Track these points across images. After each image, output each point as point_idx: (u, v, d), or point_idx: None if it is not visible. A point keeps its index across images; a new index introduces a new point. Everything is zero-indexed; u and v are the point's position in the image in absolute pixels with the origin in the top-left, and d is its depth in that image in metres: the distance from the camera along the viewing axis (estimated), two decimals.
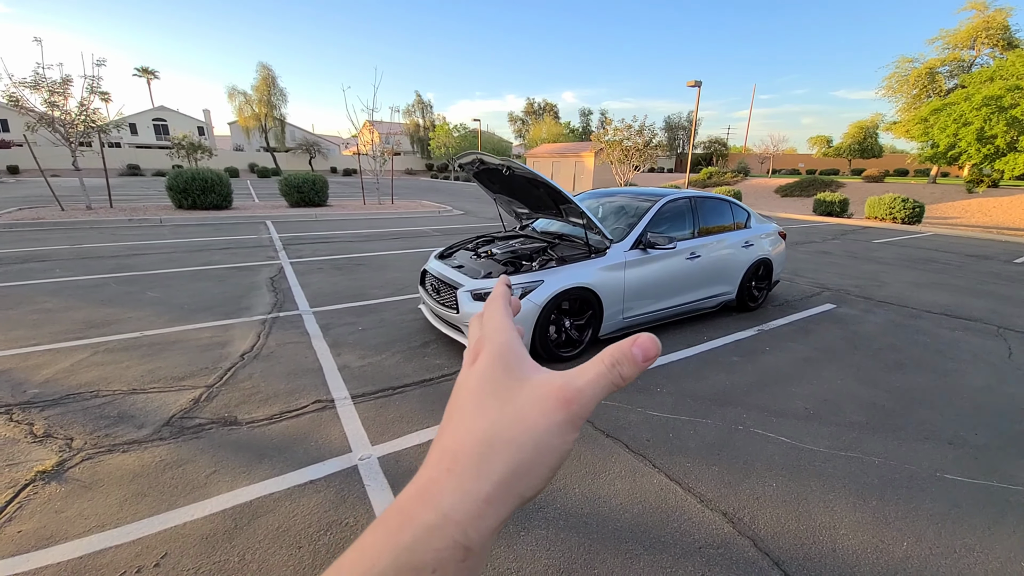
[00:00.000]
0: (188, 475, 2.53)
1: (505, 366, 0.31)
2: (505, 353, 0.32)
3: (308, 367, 3.82)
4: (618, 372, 0.29)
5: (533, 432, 0.28)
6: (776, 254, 5.83)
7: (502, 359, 0.31)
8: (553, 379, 0.30)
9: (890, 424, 3.20)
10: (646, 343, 0.29)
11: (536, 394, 0.29)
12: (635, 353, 0.29)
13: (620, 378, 0.29)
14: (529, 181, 4.19)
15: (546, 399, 0.28)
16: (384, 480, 2.49)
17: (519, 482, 0.27)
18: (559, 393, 0.28)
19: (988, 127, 14.40)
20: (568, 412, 0.28)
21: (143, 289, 5.88)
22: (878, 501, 2.43)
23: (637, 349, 0.29)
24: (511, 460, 0.27)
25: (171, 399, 3.28)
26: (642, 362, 0.29)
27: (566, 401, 0.28)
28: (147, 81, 60.51)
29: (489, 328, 0.34)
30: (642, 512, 2.32)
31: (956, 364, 4.28)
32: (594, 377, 0.29)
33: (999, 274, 8.46)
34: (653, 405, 3.36)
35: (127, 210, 13.26)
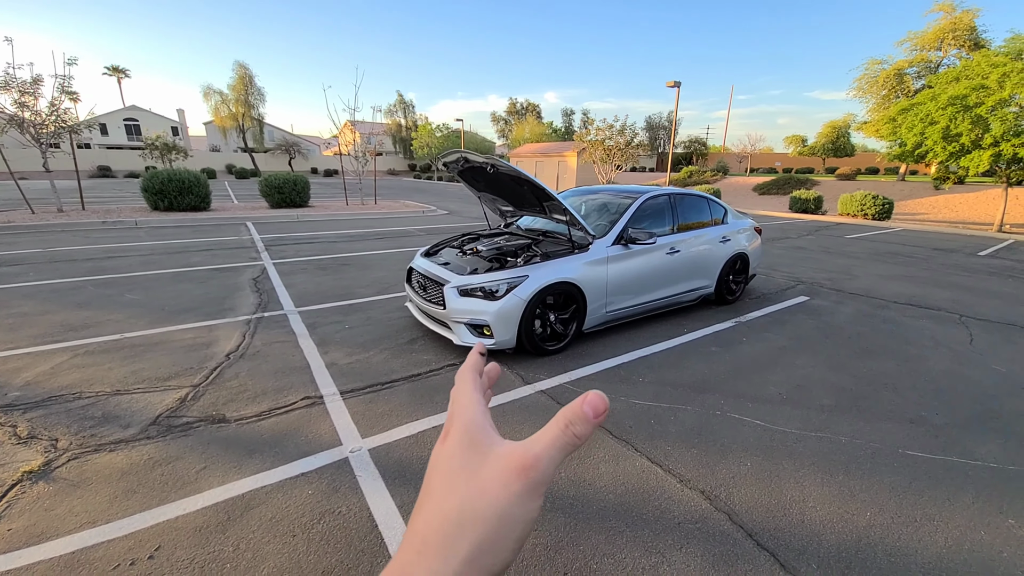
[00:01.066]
0: (178, 471, 2.54)
1: (471, 442, 0.32)
2: (471, 429, 0.33)
3: (295, 365, 3.83)
4: (572, 432, 0.30)
5: (496, 505, 0.28)
6: (752, 249, 6.04)
7: (468, 435, 0.32)
8: (513, 449, 0.31)
9: (857, 406, 3.38)
10: (595, 401, 0.30)
11: (497, 466, 0.30)
12: (586, 411, 0.30)
13: (575, 437, 0.30)
14: (513, 179, 4.27)
15: (506, 470, 0.29)
16: (375, 470, 2.54)
17: (486, 557, 0.28)
18: (519, 463, 0.29)
19: (953, 126, 14.95)
20: (527, 480, 0.29)
21: (121, 292, 5.79)
22: (844, 476, 2.59)
23: (587, 407, 0.30)
24: (476, 537, 0.28)
25: (156, 399, 3.27)
26: (593, 419, 0.30)
27: (524, 469, 0.29)
28: (117, 80, 58.79)
29: (458, 405, 0.35)
30: (625, 492, 2.42)
31: (920, 350, 4.51)
32: (550, 441, 0.30)
33: (963, 266, 8.87)
34: (635, 394, 3.48)
35: (100, 212, 12.92)
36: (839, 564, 2.01)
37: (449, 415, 0.35)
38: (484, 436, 0.32)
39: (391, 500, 2.32)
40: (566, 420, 0.30)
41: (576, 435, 0.30)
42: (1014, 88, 13.58)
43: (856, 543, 2.13)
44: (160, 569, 1.94)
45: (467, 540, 0.28)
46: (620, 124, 22.49)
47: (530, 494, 0.29)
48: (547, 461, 0.29)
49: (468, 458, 0.31)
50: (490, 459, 0.30)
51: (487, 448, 0.31)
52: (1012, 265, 9.17)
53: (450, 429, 0.34)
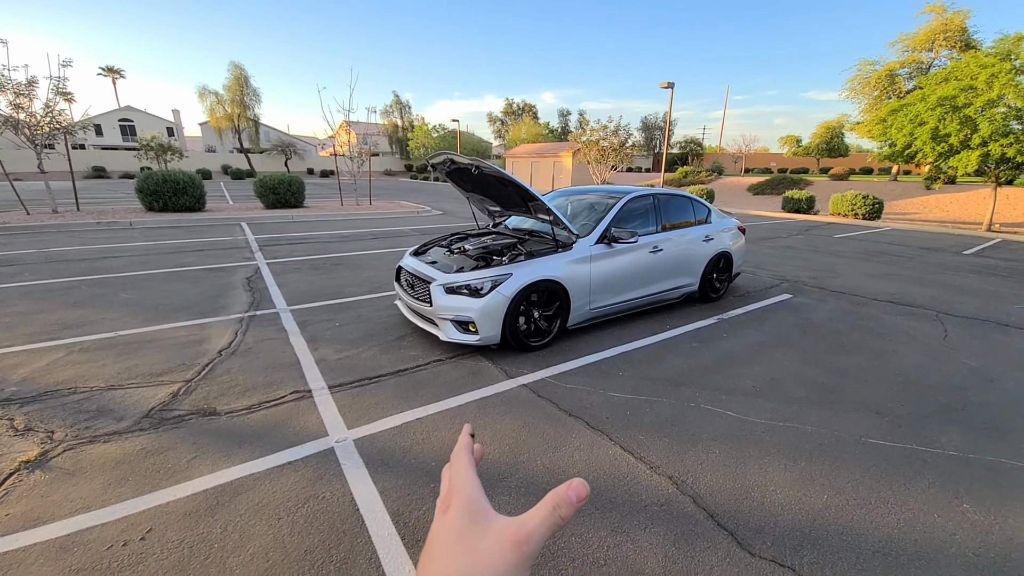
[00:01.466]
0: (169, 461, 2.65)
1: (471, 517, 0.36)
2: (471, 505, 0.37)
3: (286, 361, 3.94)
4: (559, 514, 0.34)
5: (495, 572, 0.32)
6: (736, 248, 6.17)
7: (468, 511, 0.37)
8: (509, 525, 0.35)
9: (826, 399, 3.51)
10: (578, 488, 0.35)
11: (496, 540, 0.34)
12: (570, 496, 0.34)
13: (560, 519, 0.34)
14: (498, 180, 4.39)
15: (504, 543, 0.33)
16: (359, 459, 2.66)
17: None
18: (515, 536, 0.34)
19: (942, 126, 15.16)
20: (520, 552, 0.33)
21: (115, 291, 5.88)
22: (806, 463, 2.72)
23: (572, 493, 0.34)
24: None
25: (149, 393, 3.37)
26: (576, 503, 0.34)
27: (519, 543, 0.33)
28: (112, 81, 58.63)
29: (457, 481, 0.40)
30: (597, 478, 2.54)
31: (894, 346, 4.65)
32: (540, 520, 0.34)
33: (946, 265, 9.04)
34: (614, 387, 3.60)
35: (95, 213, 12.99)
36: (792, 541, 2.14)
37: (448, 490, 0.40)
38: (482, 512, 0.36)
39: (373, 486, 2.43)
40: (554, 503, 0.34)
41: (562, 517, 0.34)
42: (1002, 89, 13.78)
43: (811, 523, 2.25)
44: (151, 549, 2.05)
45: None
46: (614, 125, 22.64)
47: (522, 564, 0.33)
48: (537, 537, 0.34)
49: (469, 530, 0.35)
50: (490, 532, 0.34)
51: (487, 523, 0.35)
52: (995, 264, 9.34)
53: (450, 503, 0.38)
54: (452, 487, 0.40)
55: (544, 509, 0.35)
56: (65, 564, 1.96)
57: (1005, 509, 2.41)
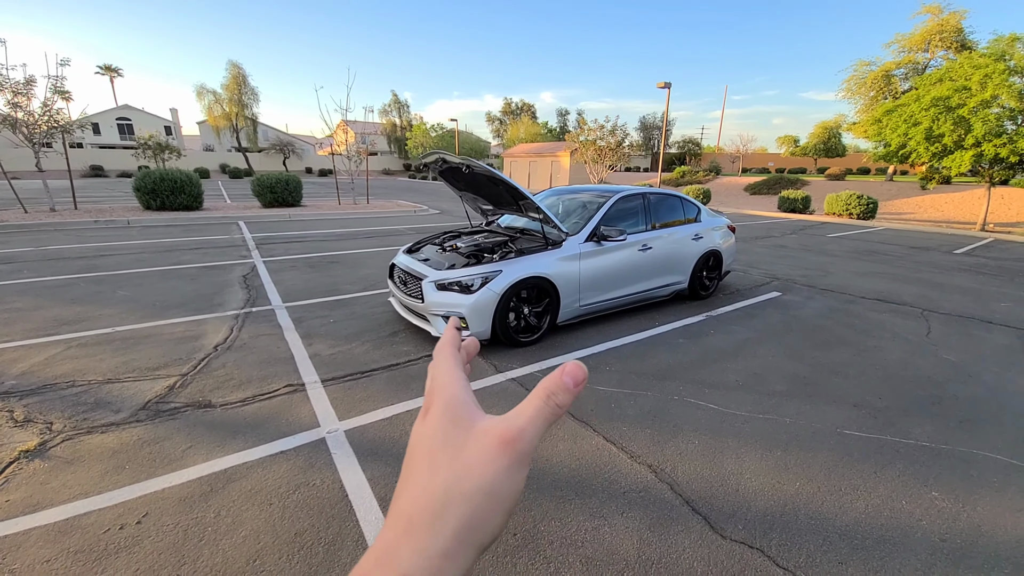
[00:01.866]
0: (165, 450, 2.74)
1: (452, 419, 0.32)
2: (453, 405, 0.32)
3: (280, 356, 4.03)
4: (554, 402, 0.30)
5: (483, 481, 0.28)
6: (726, 246, 6.27)
7: (449, 412, 0.32)
8: (496, 424, 0.30)
9: (806, 392, 3.61)
10: (574, 370, 0.31)
11: (481, 443, 0.30)
12: (566, 381, 0.30)
13: (557, 407, 0.30)
14: (489, 179, 4.48)
15: (490, 446, 0.29)
16: (349, 448, 2.74)
17: (475, 533, 0.28)
18: (502, 437, 0.30)
19: (936, 127, 15.29)
20: (513, 453, 0.29)
21: (113, 288, 5.95)
22: (782, 452, 2.81)
23: (567, 377, 0.31)
24: (464, 513, 0.28)
25: (146, 387, 3.45)
26: (573, 387, 0.31)
27: (510, 442, 0.29)
28: (110, 79, 58.57)
29: (438, 381, 0.35)
30: (579, 467, 2.63)
31: (877, 342, 4.75)
32: (533, 413, 0.30)
33: (936, 264, 9.15)
34: (601, 381, 3.70)
35: (92, 212, 13.05)
36: (763, 525, 2.23)
37: (428, 391, 0.35)
38: (466, 412, 0.32)
39: (362, 474, 2.52)
40: (547, 391, 0.31)
41: (558, 404, 0.31)
42: (996, 89, 13.89)
43: (782, 508, 2.35)
44: (147, 532, 2.14)
45: (455, 517, 0.28)
46: (611, 124, 22.74)
47: (516, 466, 0.29)
48: (531, 432, 0.30)
49: (451, 435, 0.31)
50: (473, 435, 0.30)
51: (469, 424, 0.31)
52: (984, 263, 9.45)
53: (430, 405, 0.33)
54: (432, 387, 0.35)
55: (537, 400, 0.31)
56: (64, 546, 2.05)
57: (974, 497, 2.51)
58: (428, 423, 0.32)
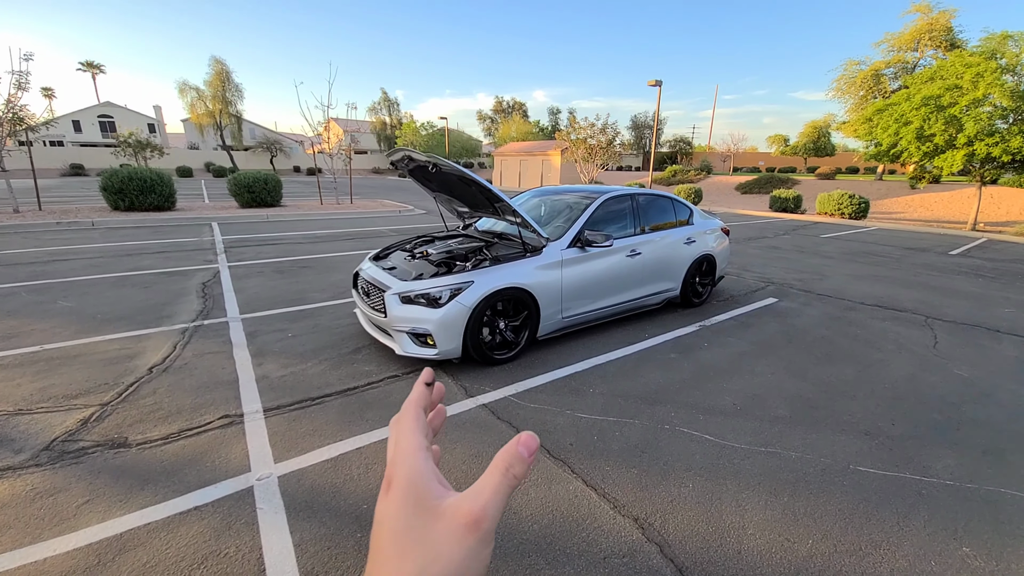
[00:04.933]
0: (59, 505, 2.28)
1: (416, 500, 0.31)
2: (416, 483, 0.31)
3: (223, 379, 3.56)
4: (512, 474, 0.31)
5: (452, 565, 0.28)
6: (719, 250, 5.90)
7: (412, 491, 0.31)
8: (460, 505, 0.30)
9: (812, 417, 3.23)
10: (528, 441, 0.32)
11: (448, 527, 0.29)
12: (521, 452, 0.31)
13: (515, 479, 0.31)
14: (460, 179, 4.05)
15: (458, 529, 0.29)
16: (280, 501, 2.30)
17: None
18: (467, 519, 0.29)
19: (927, 126, 15.09)
20: (480, 532, 0.29)
21: (55, 298, 5.43)
22: (789, 497, 2.42)
23: (522, 448, 0.31)
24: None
25: (58, 420, 2.98)
26: (528, 457, 0.31)
27: (476, 523, 0.29)
28: (92, 76, 57.13)
29: (400, 450, 0.34)
30: (552, 522, 2.22)
31: (882, 355, 4.39)
32: (494, 488, 0.30)
33: (933, 266, 8.87)
34: (583, 407, 3.29)
35: (57, 212, 12.39)
36: None
37: (390, 460, 0.34)
38: (429, 491, 0.31)
39: (289, 538, 2.08)
40: (505, 464, 0.31)
41: (516, 476, 0.31)
42: (987, 88, 13.71)
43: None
44: None
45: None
46: (602, 123, 22.37)
47: (483, 544, 0.29)
48: (494, 509, 0.30)
49: (416, 518, 0.30)
50: (440, 519, 0.30)
51: (434, 504, 0.30)
52: (981, 264, 9.21)
53: (392, 479, 0.32)
54: (394, 457, 0.34)
55: (496, 474, 0.31)
56: None
57: (1008, 552, 2.13)
58: (392, 502, 0.31)
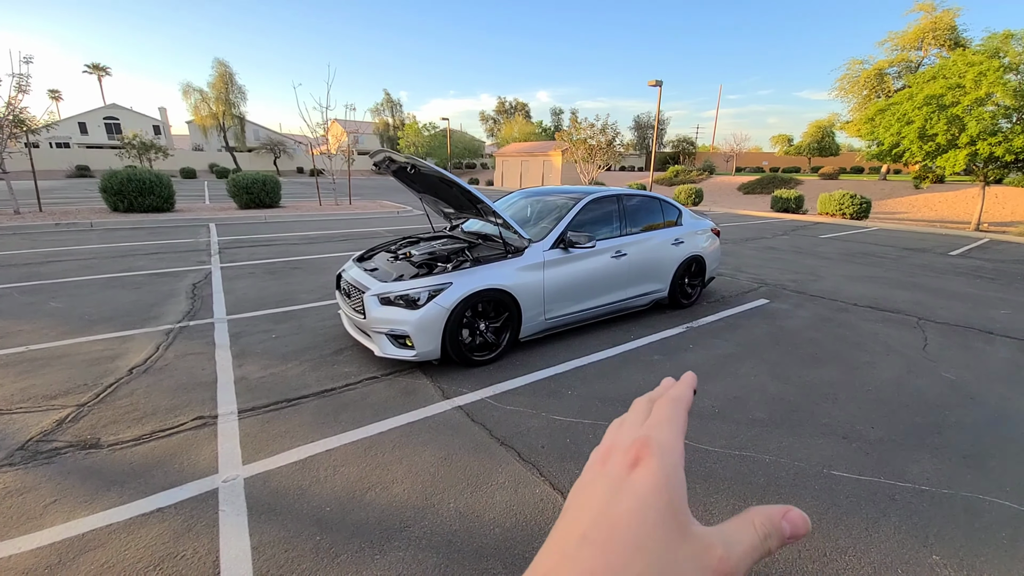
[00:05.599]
0: (26, 504, 2.29)
1: (671, 506, 0.27)
2: (674, 486, 0.28)
3: (201, 380, 3.57)
4: (767, 546, 0.28)
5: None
6: (710, 251, 5.86)
7: (670, 494, 0.27)
8: (714, 546, 0.27)
9: (791, 420, 3.19)
10: (796, 520, 0.28)
11: (698, 562, 0.26)
12: (784, 528, 0.28)
13: (767, 552, 0.28)
14: (441, 180, 4.04)
15: (706, 568, 0.26)
16: (243, 504, 2.30)
17: None
18: (719, 566, 0.26)
19: (929, 125, 14.95)
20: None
21: (46, 299, 5.47)
22: (758, 501, 2.39)
23: (787, 524, 0.28)
24: None
25: (34, 420, 3.00)
26: (788, 539, 0.28)
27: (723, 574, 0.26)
28: (98, 78, 57.67)
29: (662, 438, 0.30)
30: (514, 526, 2.20)
31: (870, 357, 4.35)
32: (748, 550, 0.28)
33: (931, 266, 8.78)
34: (558, 409, 3.27)
35: (57, 214, 12.50)
36: None
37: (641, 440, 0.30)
38: (682, 504, 0.28)
39: (247, 541, 2.07)
40: (766, 532, 0.28)
41: (769, 550, 0.28)
42: (990, 87, 13.56)
43: None
44: None
45: None
46: (602, 123, 22.33)
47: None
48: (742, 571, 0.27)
49: (667, 526, 0.26)
50: (690, 545, 0.26)
51: (685, 523, 0.27)
52: (981, 265, 9.10)
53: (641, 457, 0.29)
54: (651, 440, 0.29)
55: (753, 536, 0.28)
56: None
57: (980, 561, 2.10)
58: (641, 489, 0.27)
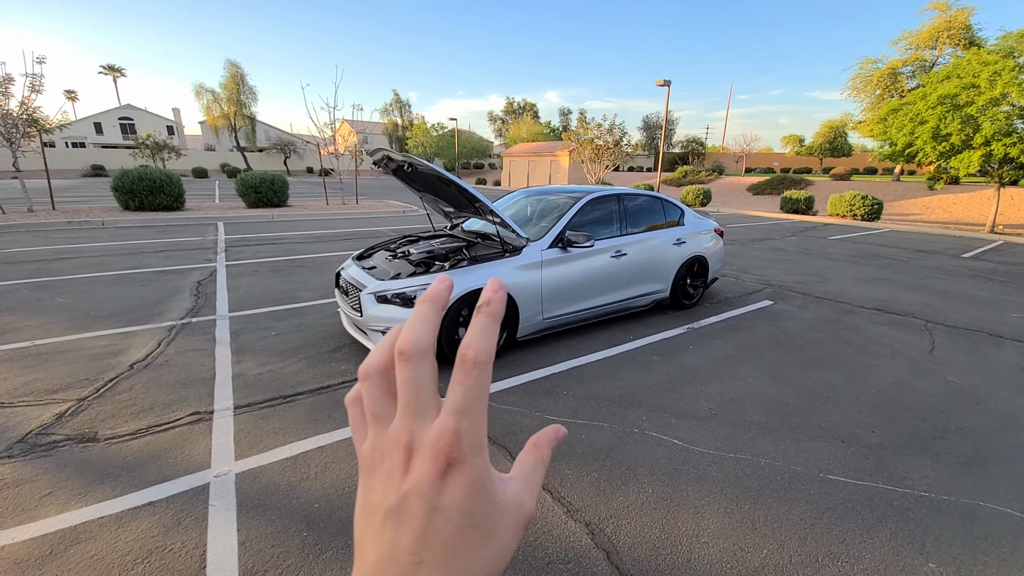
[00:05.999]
0: (23, 496, 2.32)
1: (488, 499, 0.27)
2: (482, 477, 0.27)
3: (200, 376, 3.61)
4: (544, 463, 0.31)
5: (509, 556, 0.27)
6: (713, 251, 5.80)
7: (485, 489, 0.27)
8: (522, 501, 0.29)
9: (788, 423, 3.14)
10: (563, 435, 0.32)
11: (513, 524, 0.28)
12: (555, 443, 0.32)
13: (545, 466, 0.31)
14: (439, 179, 4.04)
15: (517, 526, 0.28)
16: (233, 499, 2.31)
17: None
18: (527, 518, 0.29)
19: (943, 126, 14.68)
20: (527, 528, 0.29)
21: (53, 295, 5.57)
22: (751, 505, 2.35)
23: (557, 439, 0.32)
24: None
25: (35, 413, 3.04)
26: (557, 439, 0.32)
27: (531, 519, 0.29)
28: (113, 79, 58.65)
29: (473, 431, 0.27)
30: None
31: (874, 360, 4.27)
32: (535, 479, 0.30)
33: (942, 268, 8.62)
34: (554, 408, 3.25)
35: (69, 212, 12.73)
36: None
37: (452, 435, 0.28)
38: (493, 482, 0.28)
39: (235, 536, 2.09)
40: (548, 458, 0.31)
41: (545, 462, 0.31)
42: (1005, 87, 13.28)
43: None
44: None
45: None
46: (609, 123, 22.24)
47: None
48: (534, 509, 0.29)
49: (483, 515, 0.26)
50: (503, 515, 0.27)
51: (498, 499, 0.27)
52: (994, 268, 8.91)
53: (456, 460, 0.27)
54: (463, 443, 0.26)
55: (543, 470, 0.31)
56: None
57: (978, 570, 2.04)
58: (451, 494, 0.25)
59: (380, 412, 0.28)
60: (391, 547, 0.25)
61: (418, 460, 0.26)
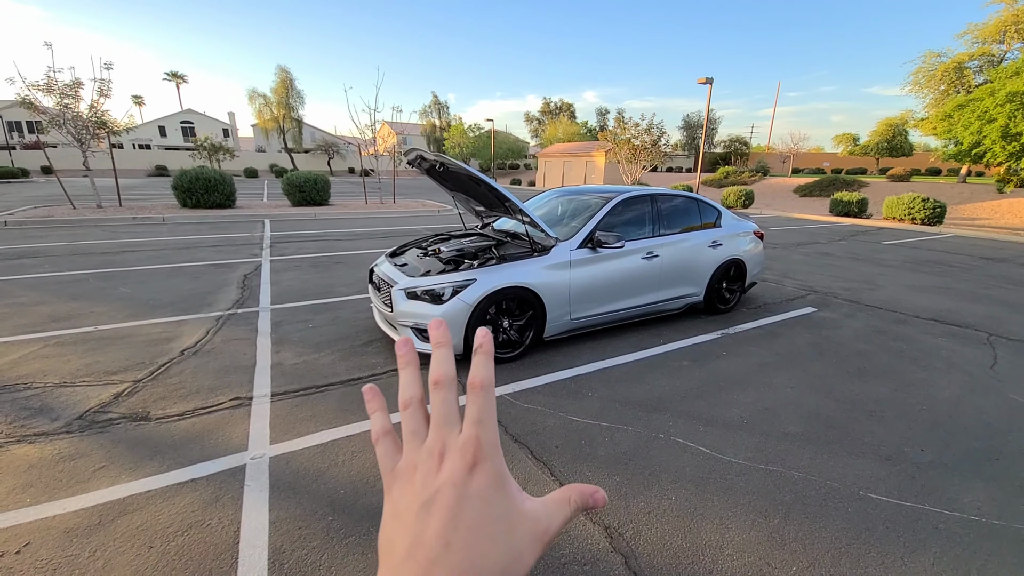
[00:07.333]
0: (78, 469, 2.53)
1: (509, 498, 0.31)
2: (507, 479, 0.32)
3: (242, 364, 3.81)
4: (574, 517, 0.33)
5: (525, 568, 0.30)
6: (751, 255, 5.58)
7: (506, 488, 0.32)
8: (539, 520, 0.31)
9: (827, 436, 2.99)
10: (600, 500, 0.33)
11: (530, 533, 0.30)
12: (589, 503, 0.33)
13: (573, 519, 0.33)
14: (470, 178, 4.09)
15: (537, 541, 0.30)
16: (266, 480, 2.43)
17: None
18: (544, 537, 0.31)
19: (1013, 124, 13.58)
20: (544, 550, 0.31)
21: (117, 285, 6.02)
22: (781, 520, 2.26)
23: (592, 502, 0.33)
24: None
25: (94, 393, 3.31)
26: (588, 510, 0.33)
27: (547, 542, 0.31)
28: (176, 85, 62.76)
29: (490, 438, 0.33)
30: None
31: (927, 373, 3.99)
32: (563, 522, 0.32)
33: (1010, 278, 7.94)
34: (577, 410, 3.23)
35: (134, 209, 13.71)
36: None
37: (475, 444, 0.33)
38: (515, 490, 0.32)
39: (267, 515, 2.20)
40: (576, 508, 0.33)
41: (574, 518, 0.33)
42: None
43: None
44: (21, 565, 1.91)
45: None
46: (647, 123, 21.80)
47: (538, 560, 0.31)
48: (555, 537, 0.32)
49: (504, 510, 0.30)
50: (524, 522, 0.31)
51: (516, 502, 0.31)
52: None
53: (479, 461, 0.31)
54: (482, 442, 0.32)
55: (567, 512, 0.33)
56: None
57: None
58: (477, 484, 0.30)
59: (416, 430, 0.34)
60: (421, 534, 0.29)
61: (449, 459, 0.31)
